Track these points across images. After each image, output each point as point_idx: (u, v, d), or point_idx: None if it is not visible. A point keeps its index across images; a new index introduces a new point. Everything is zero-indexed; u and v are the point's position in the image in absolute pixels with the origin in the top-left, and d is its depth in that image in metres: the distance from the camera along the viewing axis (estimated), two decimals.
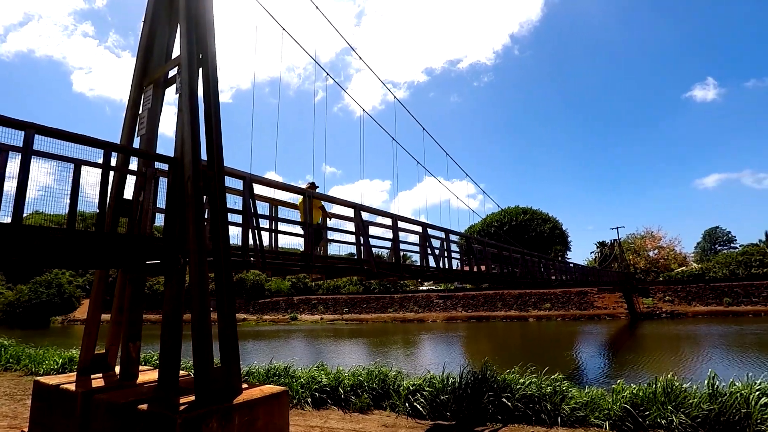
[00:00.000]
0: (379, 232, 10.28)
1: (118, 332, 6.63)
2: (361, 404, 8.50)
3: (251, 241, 6.55)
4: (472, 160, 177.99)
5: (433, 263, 11.30)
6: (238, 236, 6.61)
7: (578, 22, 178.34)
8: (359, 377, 9.28)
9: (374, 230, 9.94)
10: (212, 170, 5.73)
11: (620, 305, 46.04)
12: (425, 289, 57.12)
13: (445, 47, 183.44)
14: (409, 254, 12.36)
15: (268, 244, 7.75)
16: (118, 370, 6.57)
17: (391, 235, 10.01)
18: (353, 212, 8.93)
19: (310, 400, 8.79)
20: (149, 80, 6.80)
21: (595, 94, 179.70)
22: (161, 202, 6.03)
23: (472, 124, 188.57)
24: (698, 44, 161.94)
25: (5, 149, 4.27)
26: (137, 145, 6.72)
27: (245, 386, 5.46)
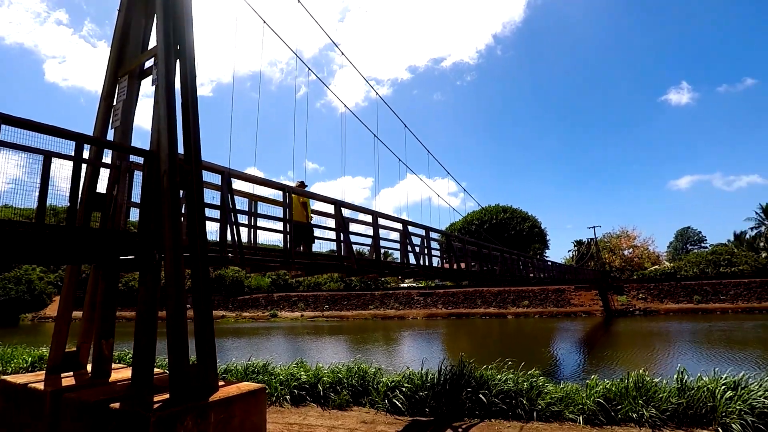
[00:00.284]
0: (360, 229, 10.26)
1: (90, 329, 6.46)
2: (340, 401, 8.48)
3: (229, 237, 6.46)
4: (454, 158, 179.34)
5: (413, 260, 11.36)
6: (216, 232, 6.53)
7: (559, 24, 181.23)
8: (338, 374, 9.26)
9: (355, 227, 9.94)
10: (189, 164, 5.62)
11: (596, 303, 47.11)
12: (406, 286, 57.35)
13: (429, 45, 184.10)
14: (390, 251, 12.40)
15: (247, 240, 7.67)
16: (90, 368, 6.41)
17: (372, 232, 10.01)
18: (333, 209, 8.89)
19: (288, 397, 8.74)
20: (124, 71, 6.62)
21: (574, 95, 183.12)
22: (136, 196, 5.90)
23: (454, 122, 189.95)
24: (674, 49, 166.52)
25: None
26: (111, 137, 6.54)
27: (222, 384, 5.39)
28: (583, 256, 61.57)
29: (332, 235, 9.15)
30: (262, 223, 7.95)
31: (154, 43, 6.17)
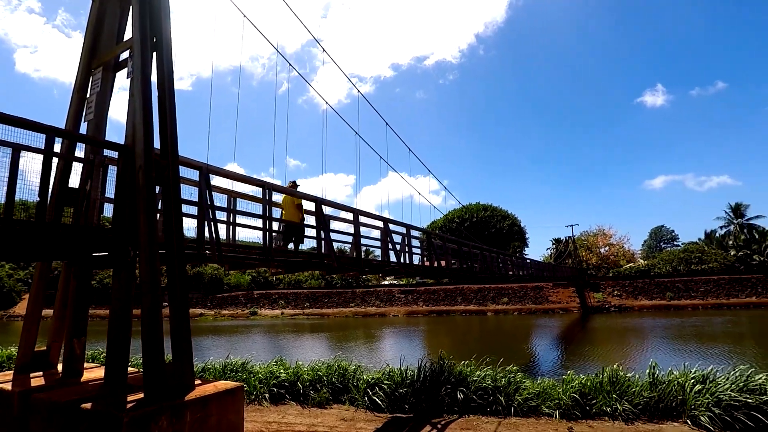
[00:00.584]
0: (341, 227, 10.23)
1: (61, 328, 6.28)
2: (320, 399, 8.45)
3: (207, 234, 6.36)
4: (436, 156, 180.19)
5: (394, 258, 11.38)
6: (194, 229, 6.41)
7: (540, 25, 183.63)
8: (318, 372, 9.22)
9: (336, 225, 9.91)
10: (166, 159, 5.51)
11: (573, 299, 48.07)
12: (387, 283, 57.45)
13: (412, 43, 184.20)
14: (372, 249, 12.40)
15: (225, 237, 7.56)
16: (61, 368, 6.23)
17: (353, 230, 9.99)
18: (314, 206, 8.84)
19: (268, 395, 8.66)
20: (98, 62, 6.43)
21: (555, 96, 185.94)
22: (110, 191, 5.76)
23: (437, 120, 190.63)
24: (650, 52, 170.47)
25: None
26: (84, 130, 6.35)
27: (199, 383, 5.31)
28: (561, 253, 62.76)
29: (313, 232, 9.10)
30: (242, 220, 7.84)
31: (129, 34, 6.01)
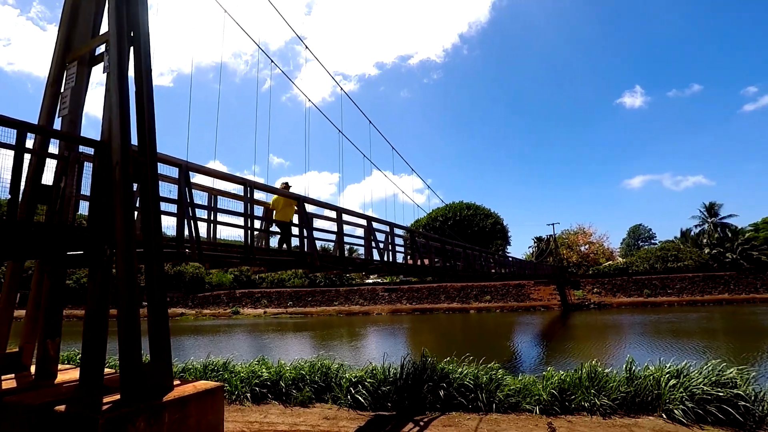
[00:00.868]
0: (325, 225, 10.18)
1: (34, 329, 6.10)
2: (302, 398, 8.41)
3: (187, 232, 6.26)
4: (420, 155, 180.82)
5: (377, 256, 11.38)
6: (175, 227, 6.30)
7: (523, 26, 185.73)
8: (301, 371, 9.18)
9: (320, 223, 9.86)
10: (144, 156, 5.40)
11: (554, 297, 48.85)
12: (371, 282, 57.46)
13: (396, 42, 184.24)
14: (356, 247, 12.37)
15: (206, 235, 7.45)
16: (34, 369, 6.06)
17: (336, 228, 9.95)
18: (297, 205, 8.77)
19: (249, 395, 8.59)
20: (73, 56, 6.25)
21: (537, 96, 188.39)
22: (86, 188, 5.61)
23: (421, 119, 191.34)
24: (629, 54, 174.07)
25: None
26: (59, 126, 6.18)
27: (178, 383, 5.22)
28: (542, 252, 63.66)
29: (294, 230, 9.03)
30: (224, 218, 7.73)
31: (106, 28, 5.86)
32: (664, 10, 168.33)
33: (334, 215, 9.89)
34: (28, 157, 5.56)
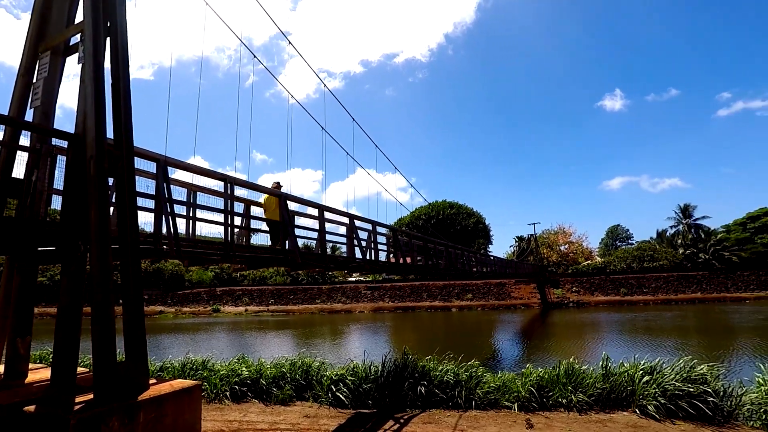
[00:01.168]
0: (308, 222, 10.13)
1: (3, 327, 5.90)
2: (282, 396, 8.35)
3: (165, 228, 6.14)
4: (404, 154, 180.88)
5: (359, 254, 11.37)
6: (152, 223, 6.17)
7: (507, 28, 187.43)
8: (282, 368, 9.10)
9: (303, 221, 9.79)
10: (120, 150, 5.27)
11: (534, 295, 49.59)
12: (353, 280, 57.38)
13: (382, 40, 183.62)
14: (339, 245, 12.33)
15: (185, 231, 7.33)
16: (2, 369, 5.87)
17: (318, 225, 9.90)
18: (278, 202, 8.70)
19: (229, 393, 8.48)
20: (46, 45, 6.05)
21: (519, 97, 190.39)
22: (59, 182, 5.45)
23: (406, 118, 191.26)
24: (610, 58, 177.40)
25: None
26: (30, 117, 5.98)
27: (154, 382, 5.13)
28: (523, 251, 64.57)
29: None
30: (204, 215, 7.61)
31: (81, 17, 5.69)
32: (644, 15, 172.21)
33: (315, 213, 9.84)
34: None
